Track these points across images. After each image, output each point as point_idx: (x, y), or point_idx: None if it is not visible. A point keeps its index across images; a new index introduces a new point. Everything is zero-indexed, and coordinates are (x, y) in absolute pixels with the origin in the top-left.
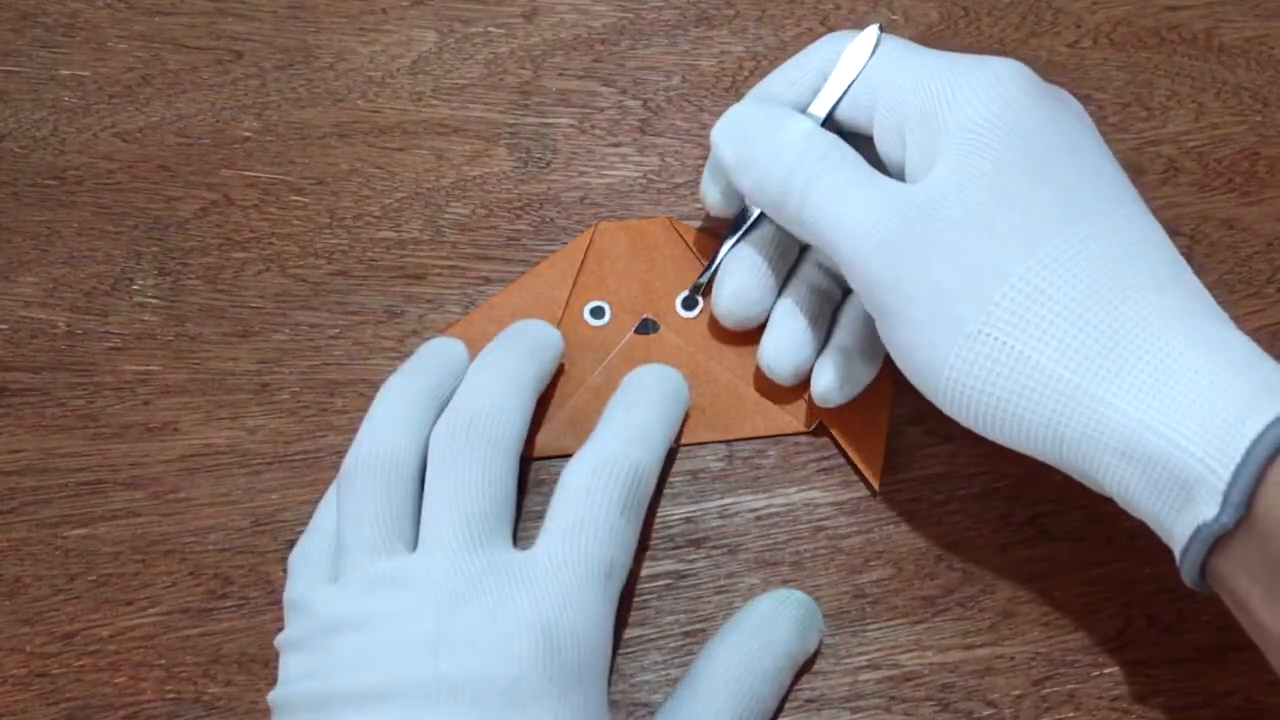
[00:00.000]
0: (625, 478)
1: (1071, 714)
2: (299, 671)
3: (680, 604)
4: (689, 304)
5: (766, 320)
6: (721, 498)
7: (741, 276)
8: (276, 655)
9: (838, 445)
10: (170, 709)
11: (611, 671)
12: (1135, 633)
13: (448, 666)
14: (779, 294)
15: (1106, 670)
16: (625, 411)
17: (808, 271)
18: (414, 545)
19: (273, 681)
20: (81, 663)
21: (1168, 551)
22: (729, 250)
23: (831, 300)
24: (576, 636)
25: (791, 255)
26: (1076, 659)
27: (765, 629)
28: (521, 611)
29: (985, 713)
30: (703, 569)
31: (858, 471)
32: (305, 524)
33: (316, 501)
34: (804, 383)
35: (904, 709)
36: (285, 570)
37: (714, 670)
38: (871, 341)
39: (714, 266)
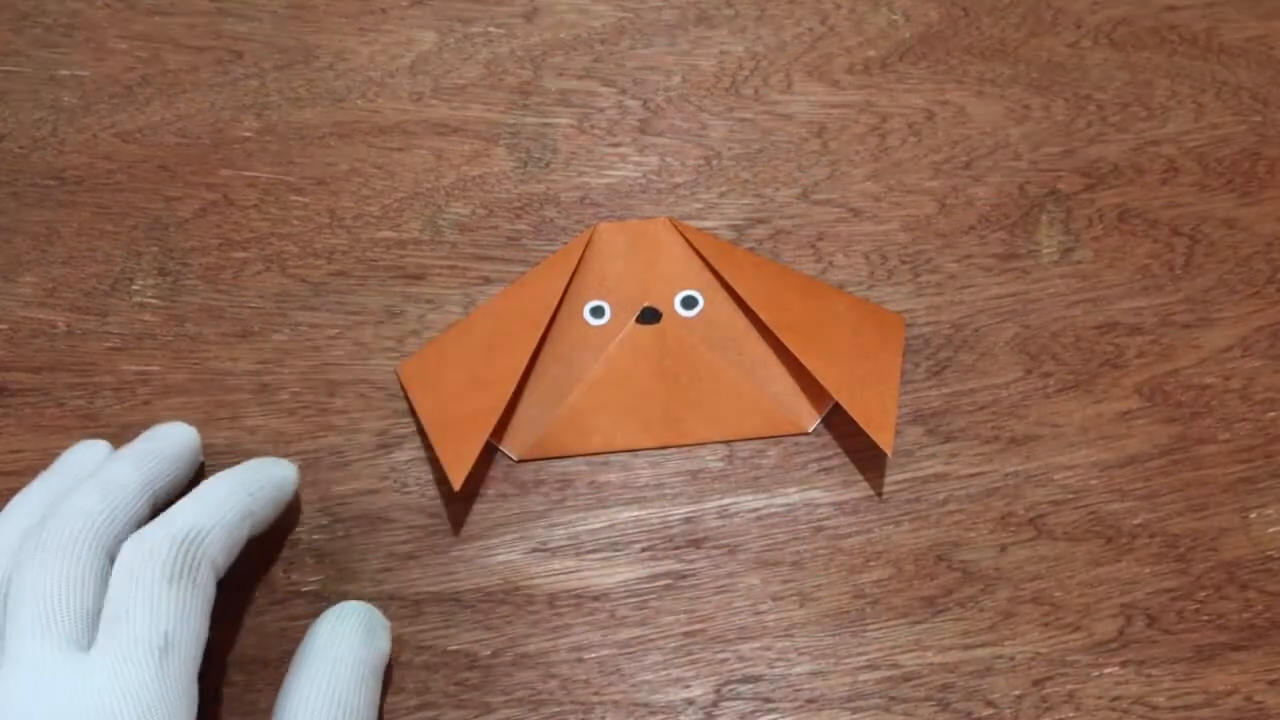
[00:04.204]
0: (171, 545)
1: (1071, 714)
2: None
3: (680, 604)
4: (688, 303)
5: (761, 323)
6: (721, 498)
7: None
8: (277, 656)
9: (841, 431)
10: None
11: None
12: (1135, 633)
13: None
14: None
15: (1106, 670)
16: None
17: None
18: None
19: (274, 681)
20: None
21: (1168, 551)
22: None
23: None
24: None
25: None
26: (1076, 659)
27: (330, 646)
28: (74, 711)
29: (985, 713)
30: (703, 569)
31: (858, 468)
32: (306, 524)
33: (316, 502)
34: (804, 383)
35: (904, 709)
36: (284, 571)
37: (294, 699)
38: None
39: None
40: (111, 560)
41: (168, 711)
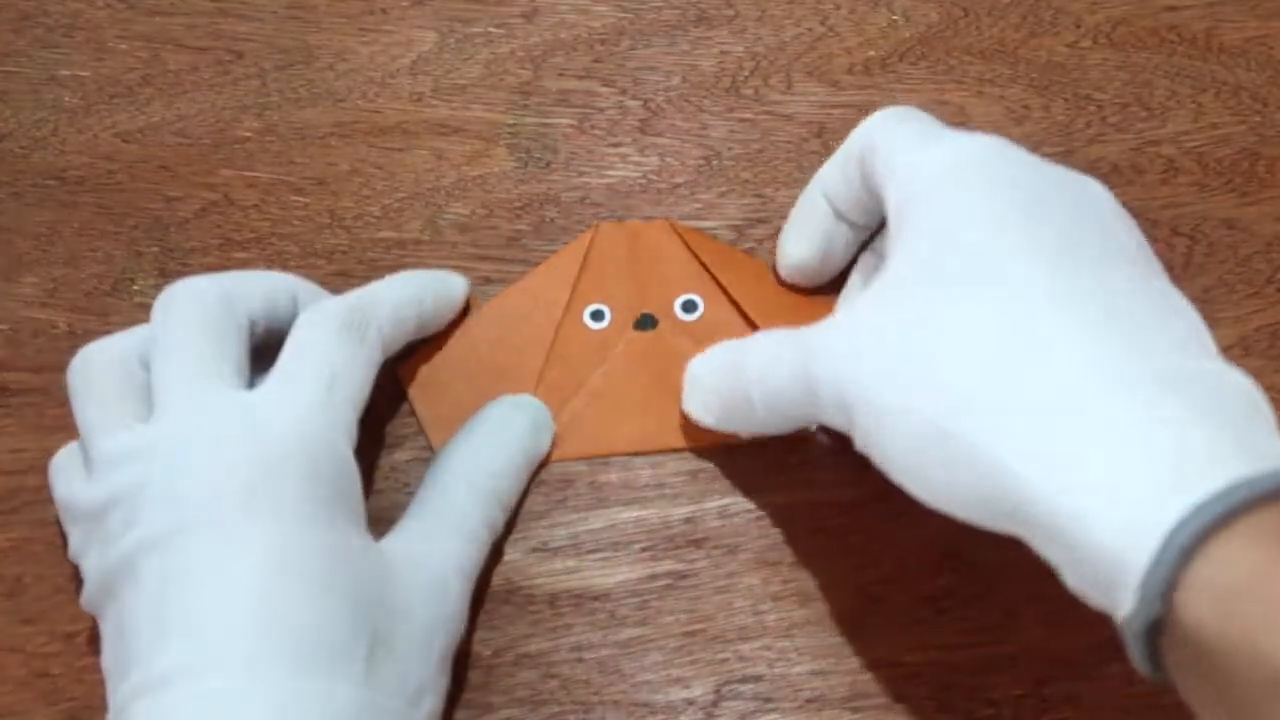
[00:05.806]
0: (343, 306)
1: (1072, 714)
2: (91, 566)
3: (680, 604)
4: (688, 307)
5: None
6: (721, 498)
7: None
8: None
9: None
10: None
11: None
12: None
13: (176, 515)
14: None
15: (1108, 670)
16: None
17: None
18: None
19: None
20: (83, 663)
21: None
22: None
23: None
24: (300, 444)
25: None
26: (1078, 659)
27: (500, 430)
28: (234, 435)
29: (986, 712)
30: (703, 569)
31: (859, 468)
32: None
33: None
34: None
35: (905, 708)
36: None
37: (451, 470)
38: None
39: None
40: (251, 328)
41: (328, 439)
